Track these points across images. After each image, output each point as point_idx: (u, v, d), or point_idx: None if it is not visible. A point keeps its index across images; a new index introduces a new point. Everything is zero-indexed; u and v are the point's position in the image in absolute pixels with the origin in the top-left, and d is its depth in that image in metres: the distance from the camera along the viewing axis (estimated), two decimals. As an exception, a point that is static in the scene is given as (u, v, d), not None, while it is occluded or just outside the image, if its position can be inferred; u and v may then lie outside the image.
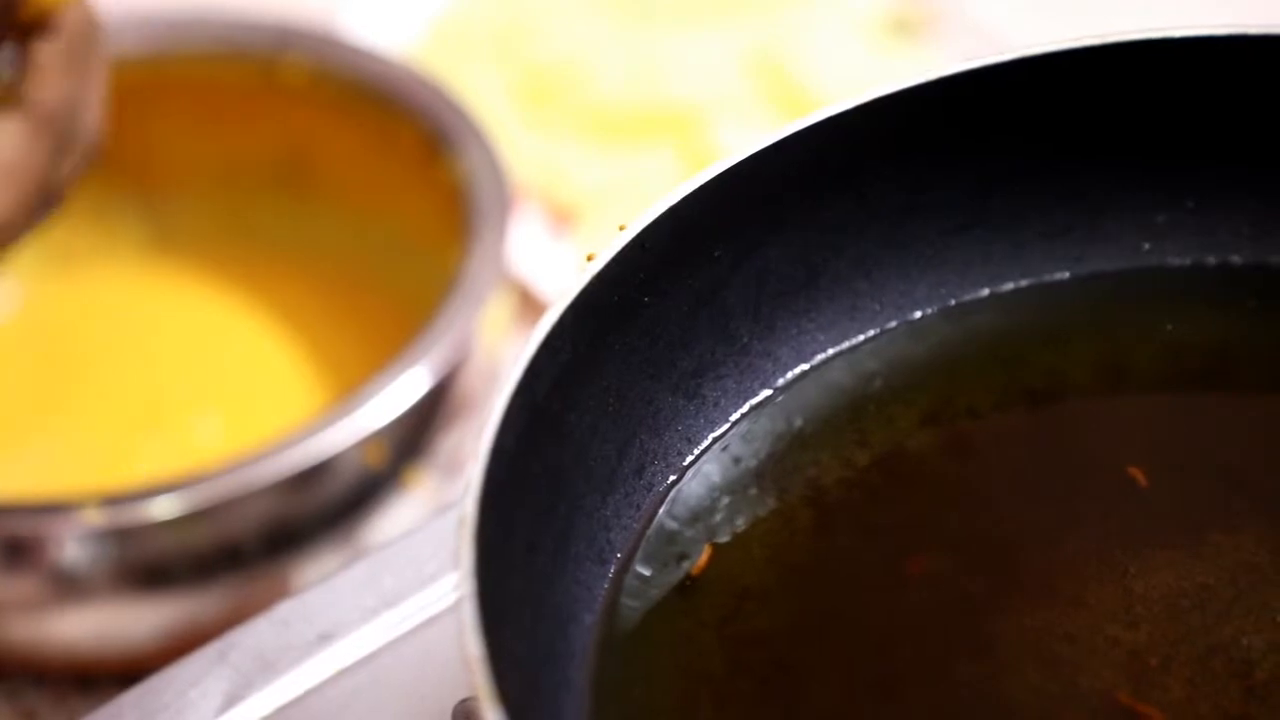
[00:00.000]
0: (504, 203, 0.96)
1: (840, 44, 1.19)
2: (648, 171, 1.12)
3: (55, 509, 0.85)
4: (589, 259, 0.58)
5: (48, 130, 0.75)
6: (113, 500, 0.84)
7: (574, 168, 1.12)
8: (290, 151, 1.07)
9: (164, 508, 0.84)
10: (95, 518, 0.84)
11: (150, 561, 0.85)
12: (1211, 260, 0.65)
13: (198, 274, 1.07)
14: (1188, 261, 0.66)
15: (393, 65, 1.04)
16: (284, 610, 0.68)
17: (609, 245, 0.58)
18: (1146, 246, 0.66)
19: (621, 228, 0.59)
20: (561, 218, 1.09)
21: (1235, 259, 0.65)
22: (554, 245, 1.07)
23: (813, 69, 1.17)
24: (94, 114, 0.76)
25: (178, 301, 1.07)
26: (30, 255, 1.07)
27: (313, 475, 0.85)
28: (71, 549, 0.84)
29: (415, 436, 0.89)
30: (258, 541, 0.84)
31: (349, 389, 0.97)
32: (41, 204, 0.76)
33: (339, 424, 0.86)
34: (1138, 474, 0.60)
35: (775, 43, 1.19)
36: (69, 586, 0.85)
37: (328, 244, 1.07)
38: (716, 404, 0.62)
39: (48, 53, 0.74)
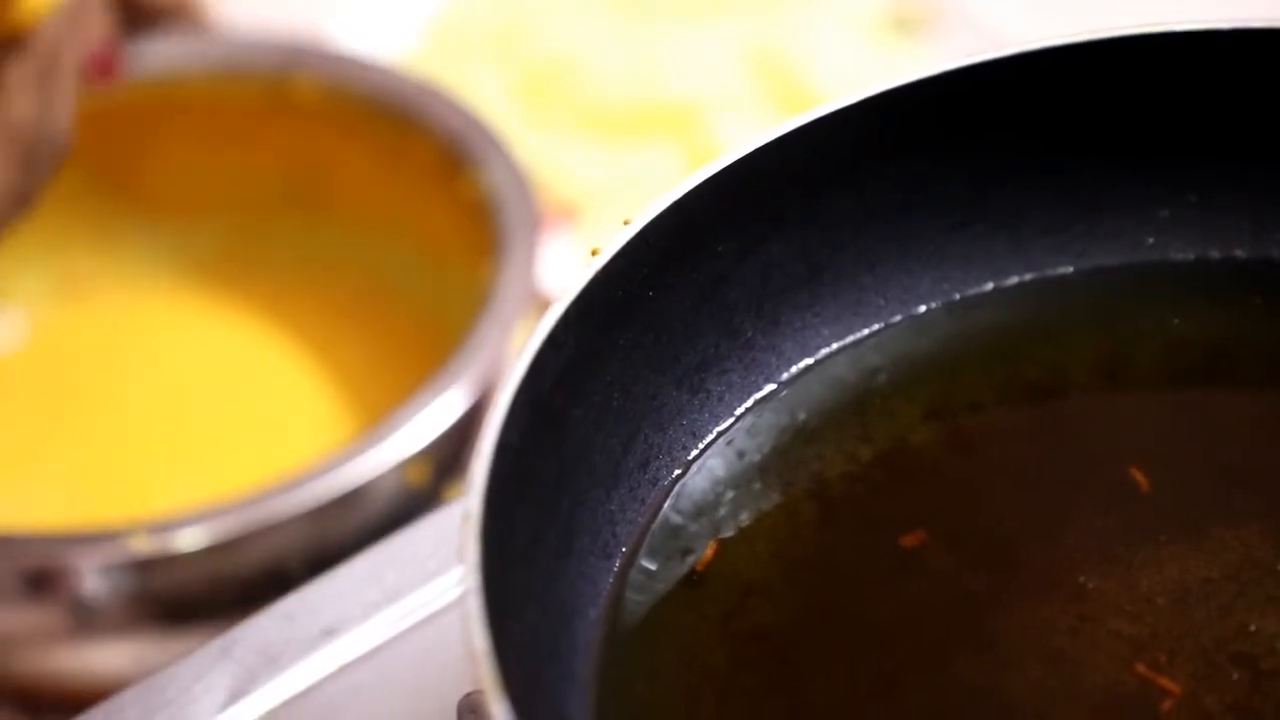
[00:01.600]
0: (531, 217, 0.95)
1: (841, 41, 1.19)
2: (649, 169, 1.12)
3: (86, 539, 0.84)
4: (593, 253, 0.58)
5: (16, 147, 0.77)
6: (152, 529, 0.83)
7: (575, 165, 1.12)
8: (304, 171, 1.06)
9: (205, 536, 0.83)
10: (138, 546, 0.83)
11: (187, 592, 0.85)
12: (1215, 255, 0.65)
13: (212, 298, 1.07)
14: (1191, 256, 0.66)
15: (406, 80, 1.03)
16: (287, 605, 0.68)
17: (613, 240, 0.58)
18: (1150, 241, 0.66)
19: (626, 222, 0.59)
20: (563, 214, 1.09)
21: (1239, 254, 0.65)
22: (556, 242, 1.07)
23: (813, 66, 1.17)
24: (62, 126, 0.78)
25: (192, 327, 1.06)
26: (40, 282, 1.06)
27: (353, 499, 0.85)
28: (107, 579, 0.84)
29: (455, 456, 0.89)
30: (301, 567, 0.83)
31: (373, 411, 0.97)
32: (10, 211, 0.78)
33: (379, 447, 0.86)
34: (1139, 470, 0.60)
35: (776, 40, 1.19)
36: (96, 619, 0.85)
37: (345, 264, 1.06)
38: (721, 398, 0.62)
39: (17, 73, 0.76)
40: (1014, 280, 0.66)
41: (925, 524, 0.60)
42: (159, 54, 1.05)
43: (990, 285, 0.65)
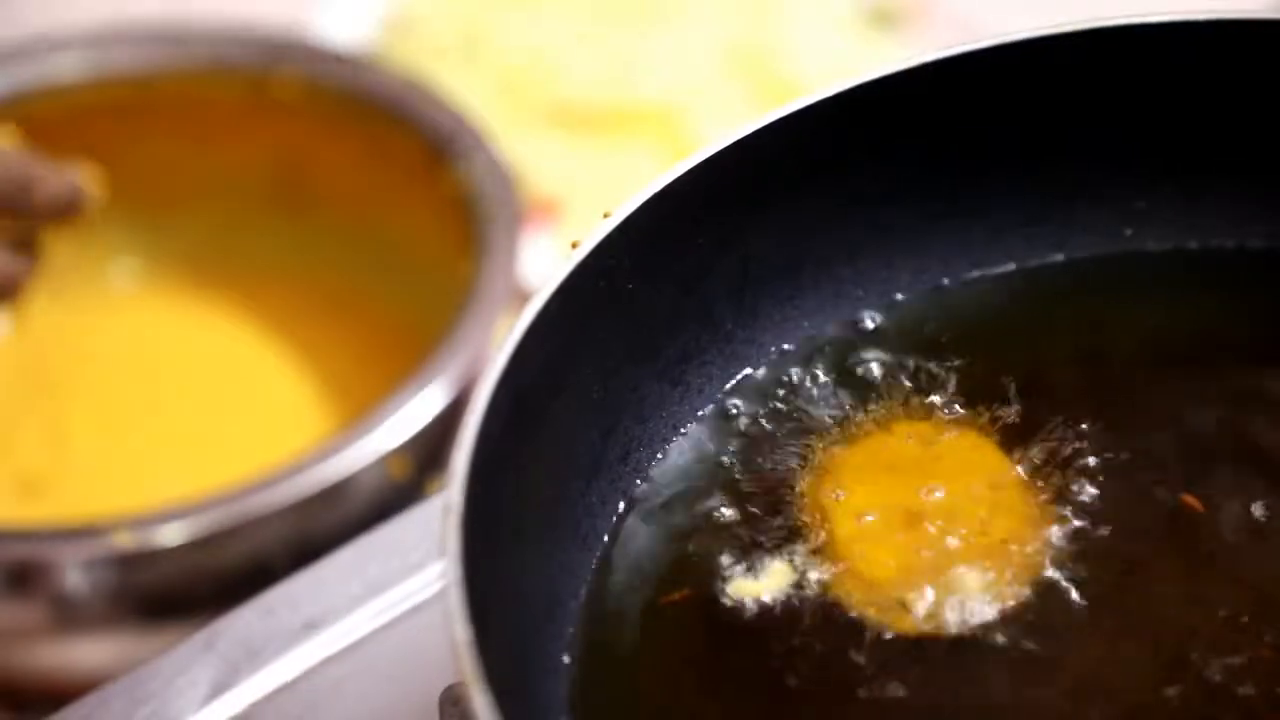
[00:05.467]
0: (512, 213, 0.95)
1: (820, 36, 1.19)
2: (629, 165, 1.12)
3: (68, 534, 0.84)
4: (573, 246, 0.58)
5: None
6: (133, 524, 0.83)
7: (552, 162, 1.12)
8: (285, 167, 1.06)
9: (186, 531, 0.83)
10: (120, 541, 0.83)
11: (169, 587, 0.84)
12: (1192, 245, 0.66)
13: (194, 293, 1.06)
14: (1168, 247, 0.66)
15: (388, 75, 1.03)
16: (270, 599, 0.68)
17: (592, 233, 0.58)
18: (1128, 232, 0.66)
19: (605, 215, 0.59)
20: (543, 211, 1.10)
21: (1215, 244, 0.66)
22: (536, 238, 1.07)
23: (792, 62, 1.17)
24: None
25: (174, 322, 1.06)
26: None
27: (335, 494, 0.85)
28: (89, 574, 0.84)
29: (436, 450, 0.88)
30: (283, 562, 0.82)
31: (354, 406, 0.96)
32: None
33: (360, 442, 0.86)
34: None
35: (755, 35, 1.19)
36: (78, 614, 0.84)
37: (327, 259, 1.06)
38: (701, 390, 0.63)
39: None
40: (992, 271, 0.66)
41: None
42: (141, 51, 1.05)
43: (969, 275, 0.66)
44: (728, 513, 0.60)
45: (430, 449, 0.88)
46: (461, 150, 0.99)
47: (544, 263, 1.04)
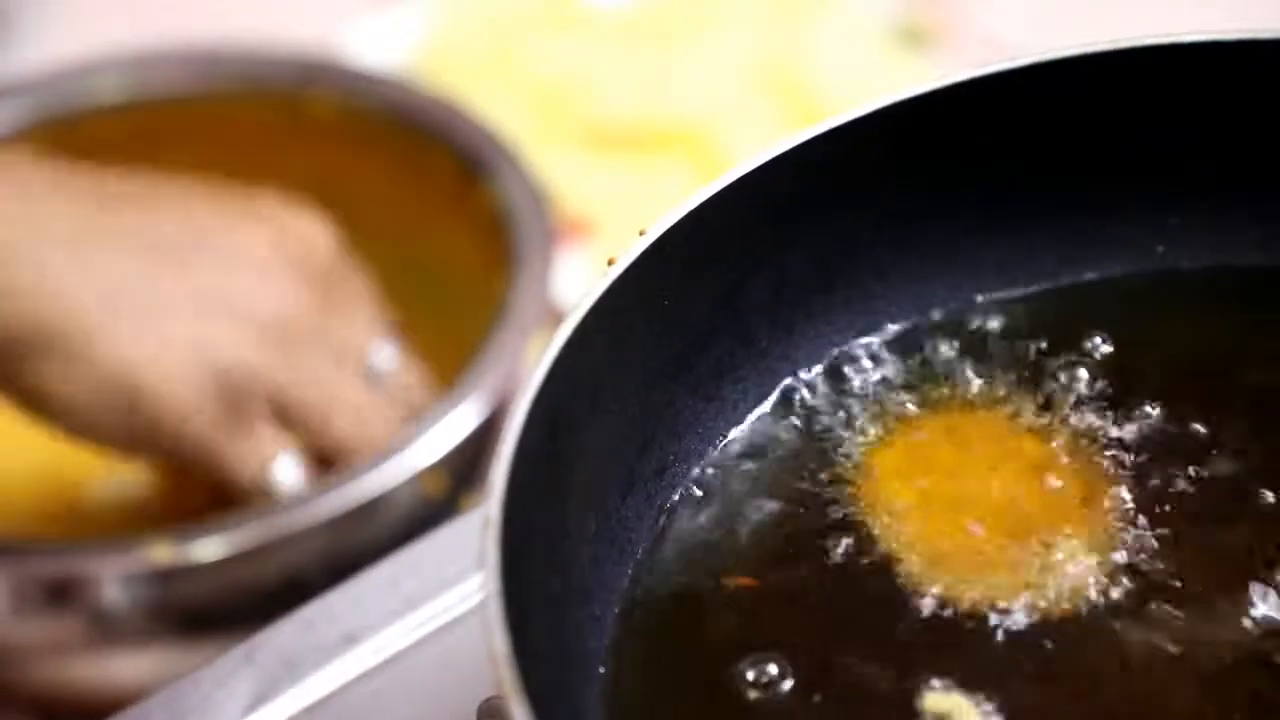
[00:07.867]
0: (546, 231, 0.96)
1: (849, 55, 1.20)
2: (660, 184, 1.13)
3: (106, 549, 0.84)
4: (610, 263, 0.59)
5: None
6: (171, 539, 0.84)
7: (585, 180, 1.12)
8: (319, 187, 1.06)
9: (224, 546, 0.83)
10: (158, 556, 0.83)
11: (207, 602, 0.85)
12: (1224, 263, 0.66)
13: None
14: (1200, 265, 0.66)
15: (422, 94, 1.03)
16: (309, 612, 0.68)
17: (629, 250, 0.59)
18: (1159, 250, 0.66)
19: (641, 233, 0.59)
20: (576, 230, 1.10)
21: (1248, 262, 0.66)
22: (569, 256, 1.08)
23: (822, 80, 1.18)
24: None
25: None
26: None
27: (371, 510, 0.85)
28: (127, 589, 0.84)
29: (471, 467, 0.89)
30: (319, 578, 0.82)
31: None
32: None
33: (395, 458, 0.86)
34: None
35: (784, 54, 1.19)
36: (116, 629, 0.85)
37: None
38: (735, 405, 0.63)
39: None
40: (1024, 289, 0.66)
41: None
42: (175, 73, 1.06)
43: (1001, 293, 0.66)
44: (765, 525, 0.60)
45: (465, 466, 0.89)
46: (495, 169, 0.99)
47: (577, 280, 1.04)
